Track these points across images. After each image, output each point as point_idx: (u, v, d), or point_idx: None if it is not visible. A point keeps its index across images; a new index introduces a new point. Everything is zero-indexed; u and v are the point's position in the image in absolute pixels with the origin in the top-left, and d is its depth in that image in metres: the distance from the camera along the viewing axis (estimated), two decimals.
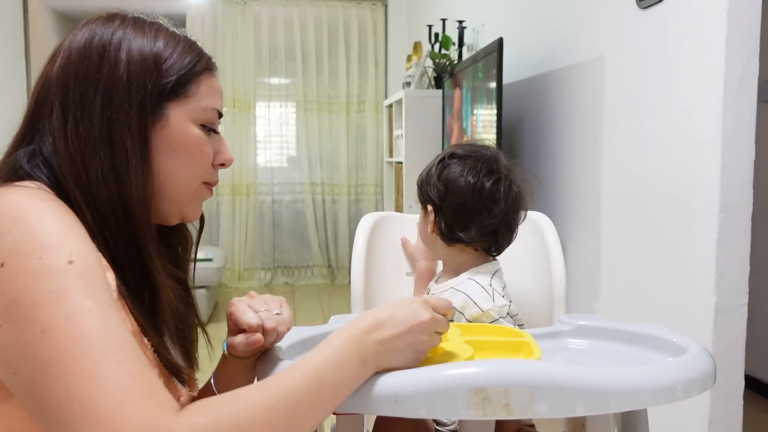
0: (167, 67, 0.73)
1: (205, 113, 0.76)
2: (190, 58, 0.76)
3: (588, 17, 2.05)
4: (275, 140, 4.93)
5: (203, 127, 0.76)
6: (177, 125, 0.73)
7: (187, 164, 0.75)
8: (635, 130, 1.79)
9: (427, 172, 1.09)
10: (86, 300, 0.56)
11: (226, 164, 0.81)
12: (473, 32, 3.18)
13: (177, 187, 0.75)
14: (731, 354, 1.50)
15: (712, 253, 1.48)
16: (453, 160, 1.06)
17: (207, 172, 0.77)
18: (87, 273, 0.58)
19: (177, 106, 0.73)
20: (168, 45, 0.74)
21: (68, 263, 0.57)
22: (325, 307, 4.18)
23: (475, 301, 0.98)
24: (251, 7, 4.71)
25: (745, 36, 1.44)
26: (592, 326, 0.92)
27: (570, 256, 2.13)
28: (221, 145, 0.80)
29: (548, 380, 0.59)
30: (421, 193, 1.10)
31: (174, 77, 0.73)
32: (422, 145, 3.35)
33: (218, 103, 0.78)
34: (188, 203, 0.77)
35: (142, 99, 0.70)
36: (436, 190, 1.05)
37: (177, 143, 0.73)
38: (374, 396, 0.61)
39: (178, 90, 0.73)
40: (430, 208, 1.06)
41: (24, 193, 0.62)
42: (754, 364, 1.83)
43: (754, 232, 1.49)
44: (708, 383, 0.66)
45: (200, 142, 0.75)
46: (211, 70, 0.78)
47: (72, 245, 0.59)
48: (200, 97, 0.75)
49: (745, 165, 1.47)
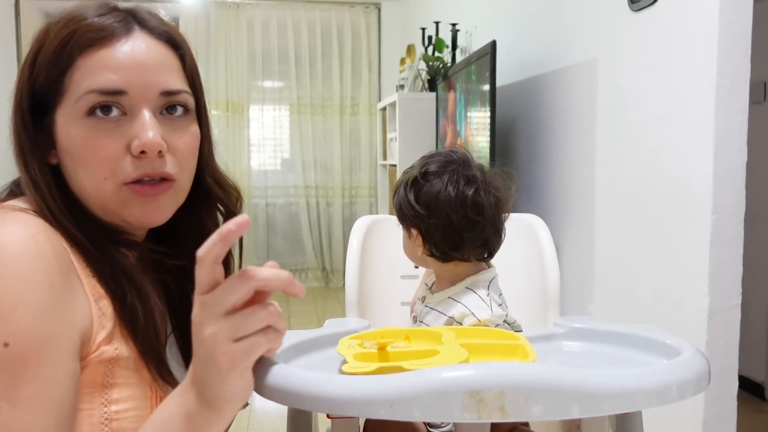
0: (38, 68, 0.65)
1: (80, 103, 0.63)
2: (60, 41, 0.64)
3: (581, 20, 2.06)
4: (269, 143, 4.93)
5: (94, 117, 0.64)
6: (61, 131, 0.65)
7: (84, 170, 0.65)
8: (628, 131, 1.80)
9: (403, 196, 1.00)
10: (1, 398, 0.54)
11: (147, 150, 0.64)
12: (466, 35, 3.19)
13: (91, 197, 0.66)
14: (725, 355, 1.50)
15: (705, 255, 1.48)
16: (427, 178, 0.99)
17: (115, 170, 0.64)
18: (18, 360, 0.55)
19: (59, 109, 0.65)
20: (50, 30, 0.65)
21: (3, 346, 0.55)
22: (320, 311, 4.17)
23: (473, 311, 0.96)
24: (244, 11, 4.71)
25: (737, 38, 1.45)
26: (587, 329, 0.92)
27: (564, 259, 2.13)
28: (138, 128, 0.64)
29: (543, 383, 0.59)
30: (402, 218, 1.01)
31: (42, 78, 0.65)
32: (416, 147, 3.35)
33: (99, 80, 0.63)
34: (118, 209, 0.67)
35: (22, 119, 0.66)
36: (418, 215, 0.97)
37: (65, 152, 0.65)
38: (368, 399, 0.61)
39: (51, 92, 0.65)
40: (415, 232, 1.00)
41: (11, 226, 0.60)
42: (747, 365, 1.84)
43: (746, 234, 1.49)
44: (702, 385, 0.66)
45: (84, 141, 0.64)
46: (89, 46, 0.64)
47: (17, 320, 0.55)
48: (76, 84, 0.64)
49: (737, 167, 1.47)
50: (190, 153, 0.71)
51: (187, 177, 0.72)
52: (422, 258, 1.03)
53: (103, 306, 0.63)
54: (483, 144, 2.33)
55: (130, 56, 0.65)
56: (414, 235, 1.00)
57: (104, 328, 0.63)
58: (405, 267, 1.27)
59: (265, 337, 0.55)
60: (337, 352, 0.76)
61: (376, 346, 0.74)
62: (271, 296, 0.58)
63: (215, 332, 0.52)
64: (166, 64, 0.68)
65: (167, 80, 0.67)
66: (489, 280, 1.01)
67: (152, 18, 0.70)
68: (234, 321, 0.53)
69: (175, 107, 0.68)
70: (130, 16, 0.68)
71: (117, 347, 0.64)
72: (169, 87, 0.67)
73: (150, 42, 0.67)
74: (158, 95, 0.66)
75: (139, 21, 0.68)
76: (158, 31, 0.69)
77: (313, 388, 0.63)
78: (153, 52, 0.67)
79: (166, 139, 0.66)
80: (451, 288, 1.01)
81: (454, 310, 0.97)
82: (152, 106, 0.66)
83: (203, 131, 0.74)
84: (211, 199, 0.78)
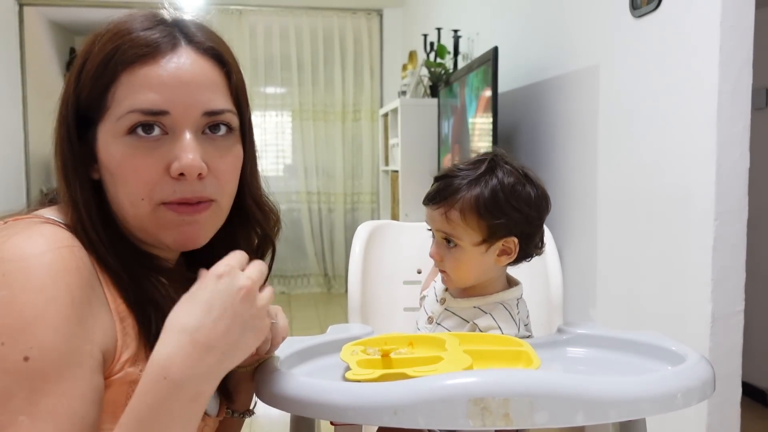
0: (83, 82, 0.63)
1: (122, 122, 0.62)
2: (104, 55, 0.62)
3: (583, 26, 2.06)
4: (271, 149, 4.93)
5: (135, 135, 0.62)
6: (102, 147, 0.64)
7: (122, 189, 0.64)
8: (630, 138, 1.80)
9: (505, 202, 0.91)
10: (20, 412, 0.53)
11: (186, 173, 0.63)
12: (468, 41, 3.20)
13: (128, 216, 0.65)
14: (728, 361, 1.50)
15: (708, 260, 1.48)
16: (521, 181, 0.93)
17: (154, 191, 0.63)
18: (38, 374, 0.55)
19: (101, 125, 0.64)
20: (96, 43, 0.64)
21: (23, 360, 0.54)
22: (322, 317, 4.17)
23: (500, 325, 0.94)
24: (247, 17, 4.72)
25: (739, 44, 1.45)
26: (591, 335, 0.91)
27: (566, 264, 2.13)
28: (178, 150, 0.63)
29: (548, 389, 0.59)
30: (496, 229, 0.92)
31: (86, 92, 0.63)
32: (418, 153, 3.36)
33: (142, 99, 0.62)
34: (155, 230, 0.65)
35: (67, 131, 0.64)
36: (527, 218, 0.92)
37: (105, 169, 0.64)
38: (372, 406, 0.60)
39: (95, 107, 0.63)
40: (512, 240, 0.93)
41: (36, 239, 0.59)
42: (750, 371, 1.83)
43: (749, 239, 1.49)
44: (707, 392, 0.66)
45: (123, 160, 0.63)
46: (133, 62, 0.62)
47: (37, 335, 0.55)
48: (119, 102, 0.62)
49: (739, 172, 1.47)
50: (231, 174, 0.69)
51: (227, 199, 0.69)
52: (484, 270, 0.96)
53: (127, 326, 0.63)
54: (485, 150, 2.33)
55: (174, 75, 0.63)
56: (499, 245, 0.93)
57: (128, 348, 0.63)
58: (407, 273, 1.27)
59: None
60: (340, 358, 0.76)
61: (379, 353, 0.74)
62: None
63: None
64: (211, 82, 0.66)
65: (210, 100, 0.65)
66: (518, 297, 0.99)
67: (199, 32, 0.68)
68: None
69: (219, 126, 0.67)
70: (177, 29, 0.66)
71: (142, 369, 0.63)
72: (212, 107, 0.65)
73: (195, 58, 0.65)
74: (201, 115, 0.65)
75: (186, 35, 0.66)
76: (204, 47, 0.67)
77: (317, 395, 0.63)
78: (197, 69, 0.65)
79: (207, 161, 0.64)
80: (480, 298, 0.97)
81: (481, 319, 0.95)
82: (194, 126, 0.64)
83: (247, 150, 0.72)
84: (249, 220, 0.76)
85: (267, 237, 0.78)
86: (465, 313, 0.97)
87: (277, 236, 0.79)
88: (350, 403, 0.61)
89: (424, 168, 3.33)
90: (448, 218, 0.92)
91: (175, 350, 0.55)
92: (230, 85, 0.69)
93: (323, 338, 0.88)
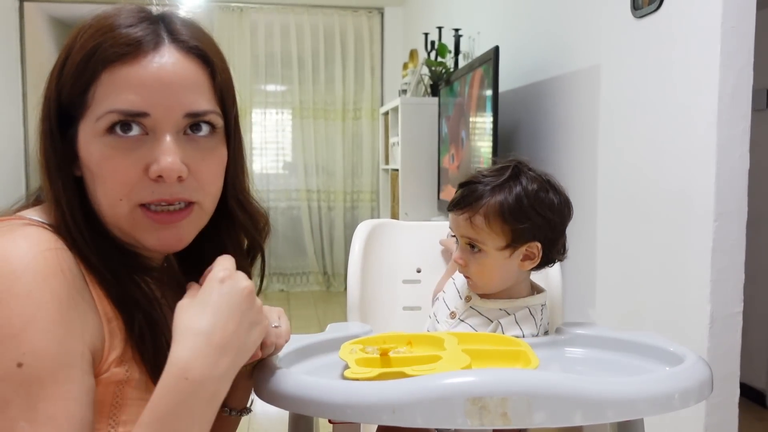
0: (64, 78, 0.62)
1: (101, 122, 0.61)
2: (85, 53, 0.61)
3: (584, 26, 2.06)
4: (271, 147, 4.93)
5: (113, 134, 0.61)
6: (82, 146, 0.63)
7: (101, 189, 0.63)
8: (630, 138, 1.80)
9: (529, 208, 0.93)
10: (21, 418, 0.54)
11: (164, 176, 0.62)
12: (469, 40, 3.20)
13: (108, 216, 0.64)
14: (726, 362, 1.50)
15: (707, 261, 1.48)
16: (544, 188, 0.95)
17: (132, 192, 0.62)
18: (34, 379, 0.55)
19: (82, 123, 0.63)
20: (78, 38, 0.63)
21: (17, 366, 0.54)
22: (321, 315, 4.17)
23: (523, 329, 0.96)
24: (248, 15, 4.72)
25: (739, 45, 1.45)
26: (590, 335, 0.92)
27: (566, 264, 2.13)
28: (158, 152, 0.62)
29: (546, 389, 0.59)
30: (519, 235, 0.93)
31: (67, 89, 0.62)
32: (418, 152, 3.36)
33: (122, 100, 0.60)
34: (134, 232, 0.65)
35: (50, 127, 0.63)
36: (550, 224, 0.94)
37: (85, 167, 0.63)
38: (370, 405, 0.61)
39: (76, 104, 0.62)
40: (535, 245, 0.95)
41: (19, 242, 0.58)
42: (749, 373, 1.84)
43: (748, 240, 1.49)
44: (705, 393, 0.66)
45: (102, 160, 0.62)
46: (114, 61, 0.61)
47: (29, 340, 0.55)
48: (99, 101, 0.61)
49: (739, 173, 1.47)
50: (213, 176, 0.68)
51: (210, 200, 0.68)
52: (508, 275, 0.97)
53: (114, 327, 0.62)
54: (485, 149, 2.33)
55: (155, 75, 0.61)
56: (522, 250, 0.95)
57: (115, 349, 0.63)
58: (407, 272, 1.27)
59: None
60: (339, 357, 0.76)
61: (378, 352, 0.74)
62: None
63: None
64: (193, 83, 0.64)
65: (193, 101, 0.64)
66: (542, 304, 1.01)
67: (185, 29, 0.66)
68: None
69: (200, 126, 0.65)
70: (162, 26, 0.65)
71: (128, 369, 0.63)
72: (194, 108, 0.64)
73: (178, 58, 0.63)
74: (182, 117, 0.63)
75: (170, 33, 0.65)
76: (189, 46, 0.64)
77: (316, 393, 0.63)
78: (180, 70, 0.63)
79: (188, 162, 0.63)
80: (506, 301, 0.99)
81: (505, 320, 0.97)
82: (175, 127, 0.63)
83: (231, 150, 0.70)
84: (234, 223, 0.75)
85: (255, 241, 0.77)
86: (491, 314, 0.98)
87: (266, 240, 0.78)
88: (349, 402, 0.61)
89: (424, 167, 3.33)
90: (472, 223, 0.94)
91: (194, 353, 0.58)
92: (214, 84, 0.67)
93: (322, 336, 0.89)
